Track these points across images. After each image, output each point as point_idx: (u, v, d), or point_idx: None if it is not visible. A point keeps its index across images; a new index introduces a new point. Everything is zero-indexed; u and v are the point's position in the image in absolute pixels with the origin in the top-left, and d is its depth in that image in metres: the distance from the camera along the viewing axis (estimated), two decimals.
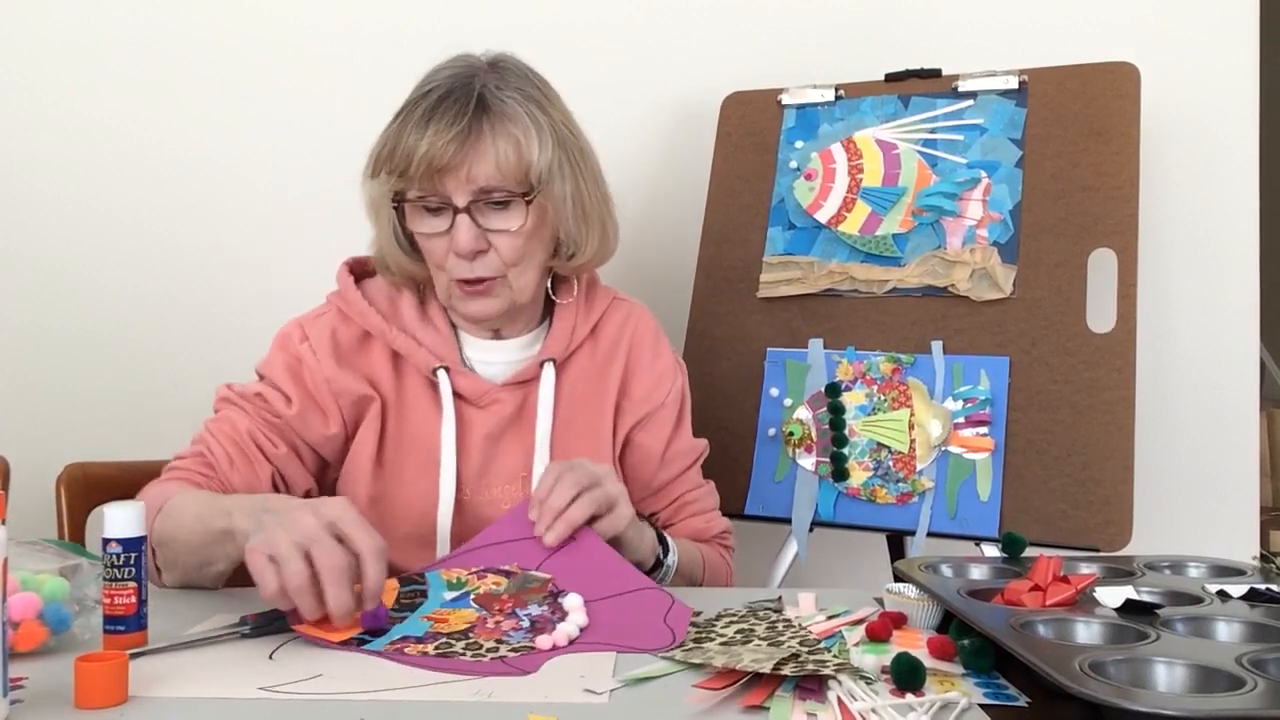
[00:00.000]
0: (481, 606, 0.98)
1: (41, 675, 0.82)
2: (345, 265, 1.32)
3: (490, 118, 1.16)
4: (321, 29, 1.93)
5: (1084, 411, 1.46)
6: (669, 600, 1.01)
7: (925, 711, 0.74)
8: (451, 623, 0.95)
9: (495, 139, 1.16)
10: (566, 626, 0.93)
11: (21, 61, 1.89)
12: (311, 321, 1.28)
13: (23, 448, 1.52)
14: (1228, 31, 1.81)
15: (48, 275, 1.89)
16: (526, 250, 1.21)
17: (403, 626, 0.94)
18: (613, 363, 1.32)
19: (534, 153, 1.17)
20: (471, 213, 1.17)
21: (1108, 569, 1.06)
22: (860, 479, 1.53)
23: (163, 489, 1.15)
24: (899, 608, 0.99)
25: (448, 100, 1.16)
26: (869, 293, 1.63)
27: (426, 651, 0.89)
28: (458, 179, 1.16)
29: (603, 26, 1.93)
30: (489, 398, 1.25)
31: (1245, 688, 0.69)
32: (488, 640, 0.92)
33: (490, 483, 1.25)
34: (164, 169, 1.91)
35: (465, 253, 1.18)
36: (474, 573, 1.04)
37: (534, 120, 1.18)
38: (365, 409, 1.24)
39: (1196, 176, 1.81)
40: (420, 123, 1.15)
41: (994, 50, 1.78)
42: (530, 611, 0.97)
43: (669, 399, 1.34)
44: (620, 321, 1.35)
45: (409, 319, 1.27)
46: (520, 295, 1.23)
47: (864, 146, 1.69)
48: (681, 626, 0.95)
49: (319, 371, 1.23)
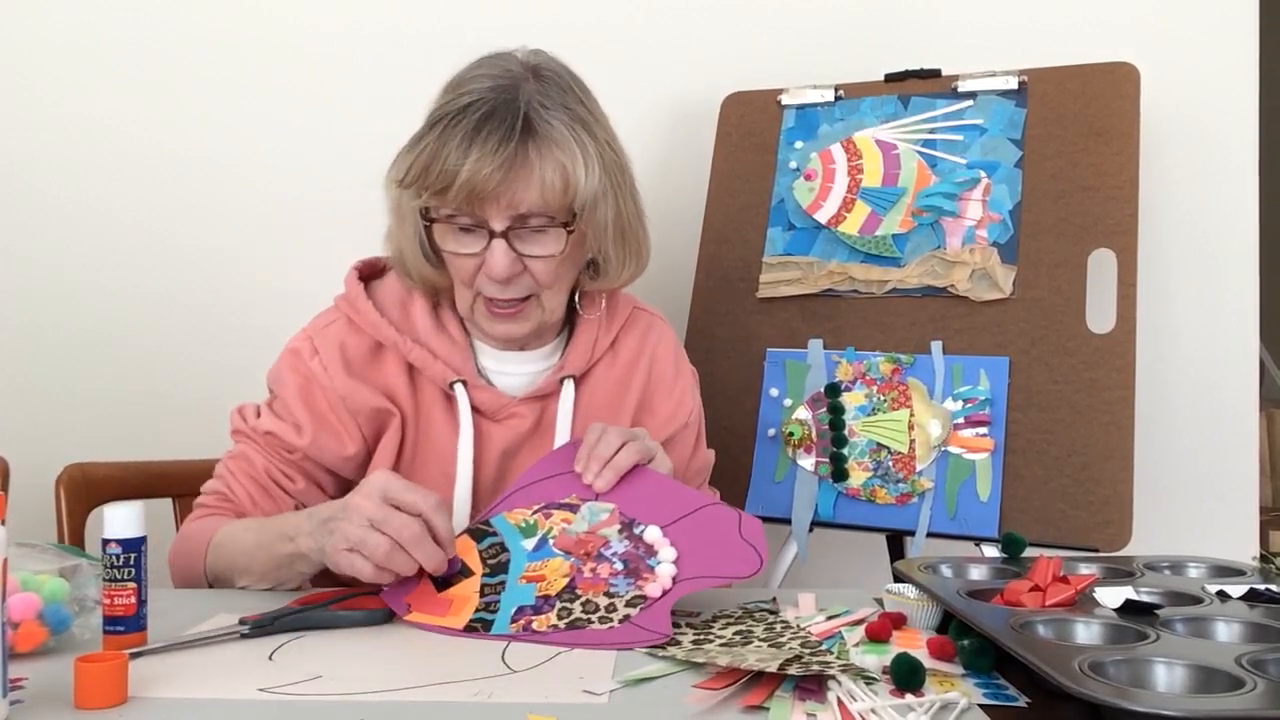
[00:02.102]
0: (568, 553, 1.01)
1: (41, 675, 0.82)
2: (354, 270, 1.26)
3: (537, 142, 1.10)
4: (322, 29, 1.93)
5: (1084, 411, 1.46)
6: (735, 514, 1.04)
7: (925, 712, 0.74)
8: (549, 579, 0.98)
9: (543, 167, 1.10)
10: (662, 567, 0.98)
11: (21, 61, 1.90)
12: (320, 332, 1.22)
13: (23, 448, 1.52)
14: (1228, 31, 1.81)
15: (48, 275, 1.89)
16: (560, 273, 1.18)
17: (509, 596, 0.97)
18: (633, 376, 1.30)
19: (580, 181, 1.11)
20: (509, 238, 1.13)
21: (1107, 569, 1.06)
22: (860, 479, 1.53)
23: (202, 526, 1.18)
24: (899, 608, 0.99)
25: (492, 121, 1.09)
26: (869, 293, 1.63)
27: (556, 625, 0.92)
28: (498, 205, 1.11)
29: (602, 26, 1.93)
30: (506, 411, 1.22)
31: (1245, 688, 0.69)
32: (597, 595, 0.95)
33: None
34: (164, 169, 1.91)
35: (500, 278, 1.14)
36: (538, 511, 1.07)
37: (581, 145, 1.12)
38: (385, 423, 1.21)
39: (1196, 176, 1.81)
40: (463, 144, 1.08)
41: (994, 50, 1.78)
42: (616, 550, 1.01)
43: (690, 420, 1.34)
44: (641, 333, 1.33)
45: (423, 328, 1.22)
46: (551, 316, 1.22)
47: (864, 147, 1.69)
48: (761, 541, 0.99)
49: (332, 389, 1.19)
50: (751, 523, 1.02)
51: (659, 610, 0.92)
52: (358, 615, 0.98)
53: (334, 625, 0.97)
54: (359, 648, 0.92)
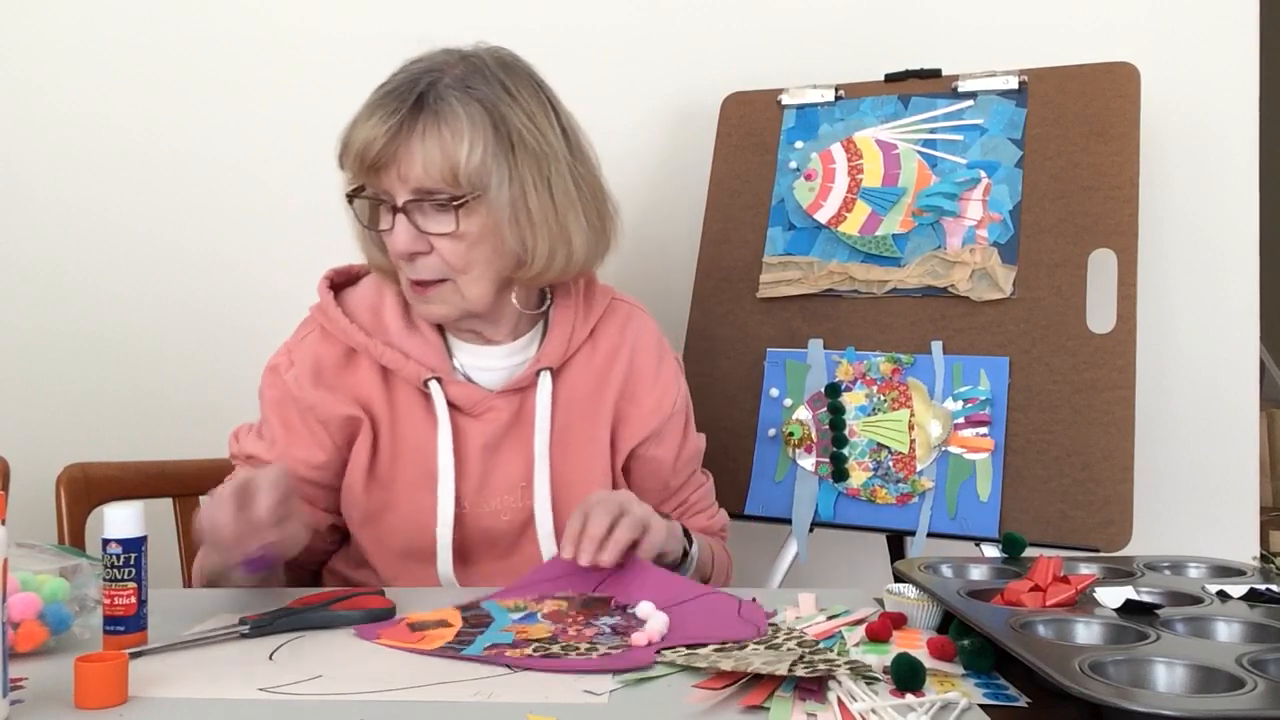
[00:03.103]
0: (554, 621, 0.97)
1: (41, 675, 0.82)
2: (325, 279, 1.28)
3: (424, 116, 1.12)
4: (322, 31, 1.93)
5: (1084, 411, 1.46)
6: (735, 600, 1.01)
7: (925, 712, 0.74)
8: (532, 634, 0.93)
9: (425, 138, 1.12)
10: (653, 624, 0.92)
11: (21, 61, 1.90)
12: (297, 345, 1.25)
13: (23, 448, 1.52)
14: (1228, 31, 1.81)
15: (48, 276, 1.89)
16: (472, 257, 1.16)
17: (487, 636, 0.92)
18: (613, 367, 1.29)
19: (461, 154, 1.11)
20: (410, 212, 1.14)
21: (1108, 569, 1.06)
22: (860, 479, 1.53)
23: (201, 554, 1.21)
24: (899, 608, 0.99)
25: (392, 95, 1.14)
26: (869, 293, 1.63)
27: (528, 654, 0.87)
28: (391, 176, 1.14)
29: (603, 27, 1.93)
30: (483, 406, 1.22)
31: (1245, 688, 0.69)
32: (581, 644, 0.90)
33: (489, 494, 1.22)
34: (164, 169, 1.91)
35: (399, 253, 1.15)
36: (532, 599, 1.03)
37: (470, 119, 1.12)
38: (356, 429, 1.21)
39: (1196, 176, 1.81)
40: (364, 115, 1.14)
41: (994, 50, 1.78)
42: (606, 621, 0.96)
43: (677, 408, 1.32)
44: (620, 324, 1.31)
45: (394, 329, 1.23)
46: (474, 305, 1.19)
47: (864, 147, 1.69)
48: (762, 622, 0.95)
49: (302, 400, 1.21)
50: (752, 607, 0.99)
51: (642, 652, 0.88)
52: (358, 615, 0.98)
53: (334, 625, 0.97)
54: (359, 648, 0.92)
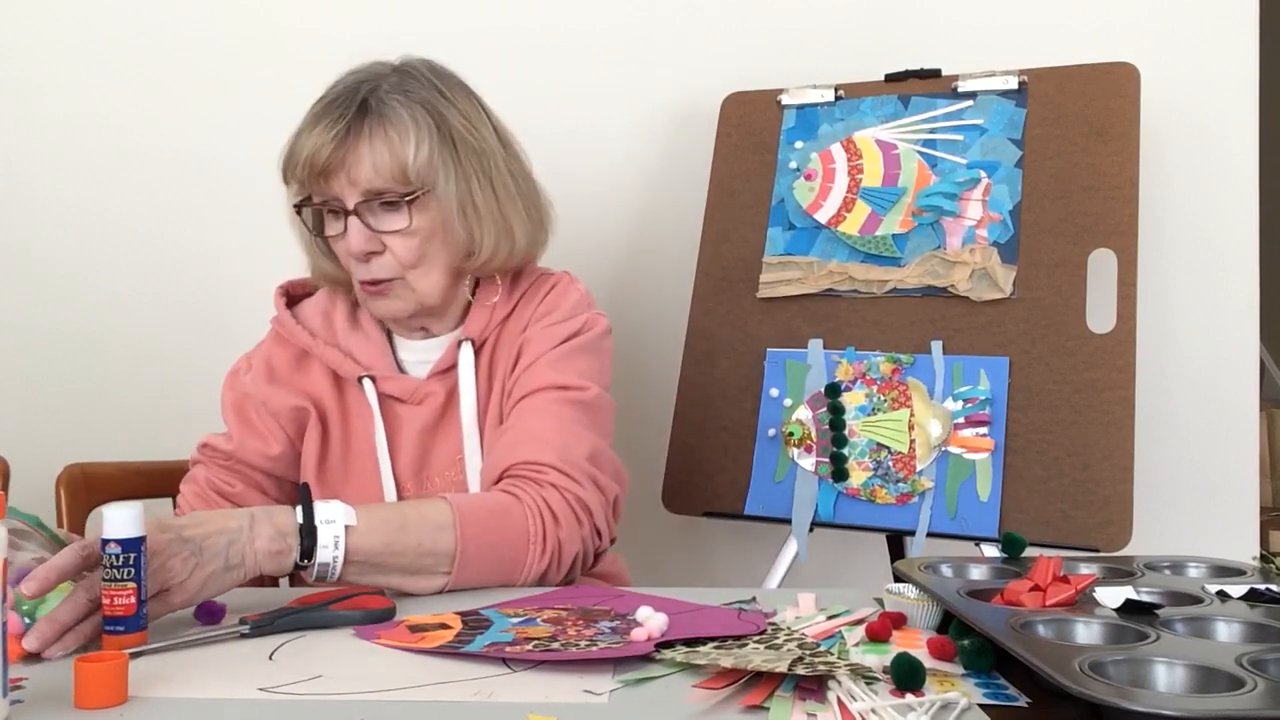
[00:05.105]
0: (553, 624, 0.97)
1: (41, 675, 0.82)
2: (280, 289, 1.36)
3: (370, 120, 1.18)
4: (322, 30, 1.93)
5: (1084, 411, 1.46)
6: (734, 611, 1.00)
7: (925, 712, 0.74)
8: (532, 634, 0.93)
9: (372, 140, 1.18)
10: (653, 623, 0.92)
11: (21, 61, 1.90)
12: (255, 351, 1.34)
13: (23, 448, 1.52)
14: (1228, 31, 1.81)
15: (47, 275, 1.89)
16: (424, 252, 1.23)
17: (487, 636, 0.92)
18: (530, 330, 1.29)
19: (409, 153, 1.18)
20: (362, 214, 1.20)
21: (1108, 569, 1.06)
22: (860, 479, 1.53)
23: None
24: (899, 608, 0.99)
25: (335, 105, 1.19)
26: (869, 293, 1.63)
27: (527, 649, 0.88)
28: (340, 181, 1.19)
29: (603, 27, 1.93)
30: (421, 393, 1.28)
31: (1245, 688, 0.69)
32: (581, 640, 0.90)
33: (429, 475, 1.27)
34: (164, 169, 1.91)
35: (356, 254, 1.21)
36: (532, 609, 1.03)
37: (414, 120, 1.19)
38: (304, 421, 1.29)
39: (1196, 176, 1.81)
40: (308, 126, 1.20)
41: (994, 50, 1.78)
42: (606, 624, 0.96)
43: (560, 327, 1.27)
44: (543, 292, 1.32)
45: (340, 331, 1.30)
46: (426, 297, 1.25)
47: (864, 147, 1.69)
48: (759, 622, 0.95)
49: (255, 396, 1.29)
50: (751, 615, 0.99)
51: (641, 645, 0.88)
52: (357, 615, 0.98)
53: (334, 625, 0.97)
54: (359, 648, 0.91)
